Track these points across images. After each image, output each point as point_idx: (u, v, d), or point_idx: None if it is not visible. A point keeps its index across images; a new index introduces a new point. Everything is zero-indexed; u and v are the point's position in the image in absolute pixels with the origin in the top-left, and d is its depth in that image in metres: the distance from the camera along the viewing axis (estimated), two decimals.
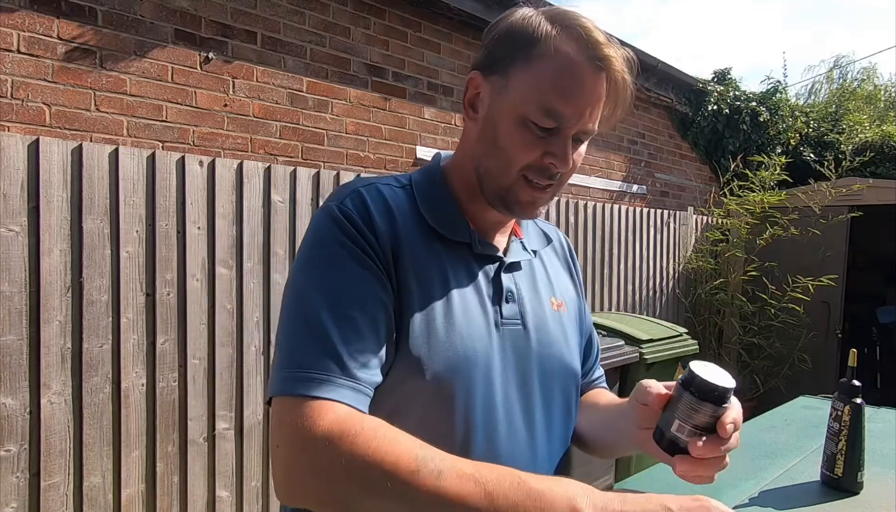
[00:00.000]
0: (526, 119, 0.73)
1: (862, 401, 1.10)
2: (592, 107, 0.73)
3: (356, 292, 0.69)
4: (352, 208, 0.73)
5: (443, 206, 0.81)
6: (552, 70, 0.71)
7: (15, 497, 1.93)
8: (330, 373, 0.64)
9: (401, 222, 0.75)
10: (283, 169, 2.66)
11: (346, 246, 0.70)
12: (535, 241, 0.91)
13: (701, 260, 5.38)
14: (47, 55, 2.26)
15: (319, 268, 0.70)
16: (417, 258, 0.74)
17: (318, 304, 0.67)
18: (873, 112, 8.92)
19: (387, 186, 0.79)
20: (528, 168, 0.75)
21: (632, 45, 4.86)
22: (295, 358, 0.65)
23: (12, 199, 1.93)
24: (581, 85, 0.72)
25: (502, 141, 0.75)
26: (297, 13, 3.02)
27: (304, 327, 0.67)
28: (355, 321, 0.67)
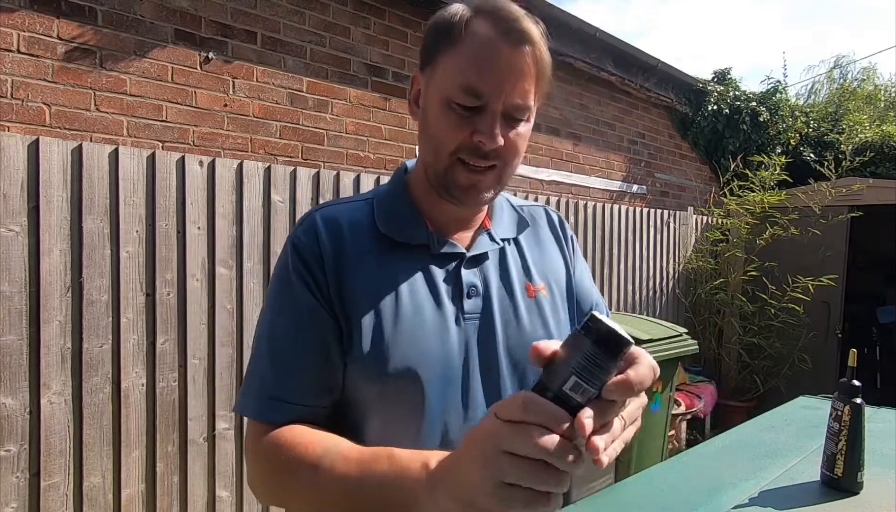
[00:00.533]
0: (450, 101, 0.75)
1: (862, 401, 1.10)
2: (514, 81, 0.74)
3: (295, 327, 0.78)
4: (303, 241, 0.80)
5: (401, 212, 0.83)
6: (469, 49, 0.74)
7: (15, 497, 1.93)
8: (270, 398, 0.77)
9: (352, 242, 0.80)
10: (283, 169, 2.66)
11: (292, 283, 0.78)
12: (508, 229, 0.90)
13: (701, 260, 5.38)
14: (47, 55, 2.26)
15: (272, 302, 0.81)
16: (366, 273, 0.79)
17: (264, 339, 0.80)
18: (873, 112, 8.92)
19: (346, 205, 0.85)
20: (460, 150, 0.76)
21: (632, 45, 4.87)
22: (248, 384, 0.80)
23: (12, 199, 1.93)
24: (497, 59, 0.73)
25: (432, 127, 0.78)
26: (297, 13, 3.02)
27: (254, 359, 0.81)
28: (292, 353, 0.78)
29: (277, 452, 0.73)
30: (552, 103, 4.53)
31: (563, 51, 4.40)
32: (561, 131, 4.63)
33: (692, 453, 1.30)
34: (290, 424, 0.76)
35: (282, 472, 0.72)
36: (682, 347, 3.57)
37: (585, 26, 4.44)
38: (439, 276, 0.81)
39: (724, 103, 5.97)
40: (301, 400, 0.77)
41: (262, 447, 0.75)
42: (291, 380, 0.77)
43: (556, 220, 0.98)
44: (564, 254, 0.95)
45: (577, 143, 4.79)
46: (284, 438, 0.74)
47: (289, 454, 0.72)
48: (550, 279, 0.90)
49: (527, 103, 0.76)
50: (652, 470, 1.19)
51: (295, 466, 0.71)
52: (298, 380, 0.77)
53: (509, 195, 0.97)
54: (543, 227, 0.96)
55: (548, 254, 0.93)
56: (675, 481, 1.10)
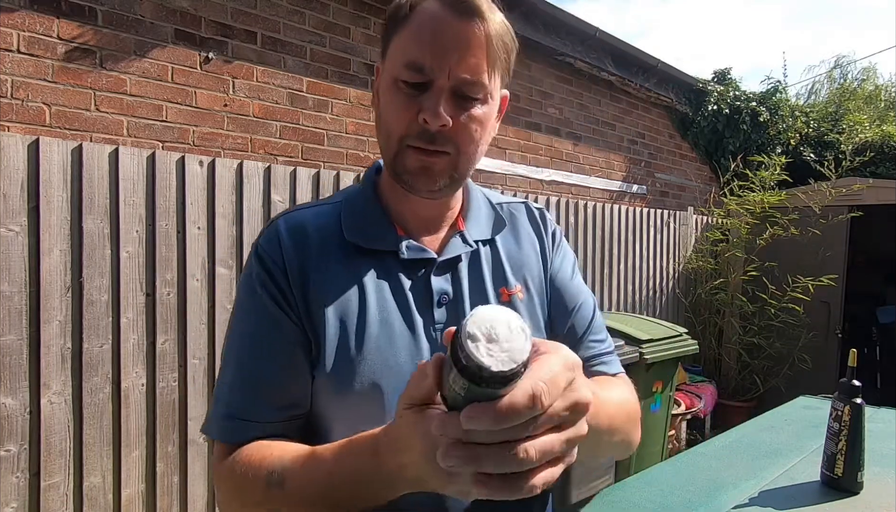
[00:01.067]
0: (396, 81, 0.71)
1: (862, 401, 1.10)
2: (461, 53, 0.68)
3: (260, 340, 0.74)
4: (266, 249, 0.76)
5: (368, 215, 0.79)
6: (414, 26, 0.70)
7: (15, 497, 1.93)
8: (233, 417, 0.73)
9: (317, 250, 0.76)
10: (283, 169, 2.66)
11: (256, 294, 0.74)
12: (484, 229, 0.83)
13: (701, 260, 5.38)
14: (47, 55, 2.26)
15: (238, 314, 0.77)
16: (332, 284, 0.75)
17: (230, 357, 0.76)
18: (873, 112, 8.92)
19: (312, 210, 0.80)
20: (408, 136, 0.71)
21: (632, 45, 4.87)
22: (214, 401, 0.76)
23: (12, 199, 1.93)
24: (440, 31, 0.68)
25: (384, 113, 0.74)
26: (297, 13, 3.02)
27: (221, 373, 0.77)
28: (256, 367, 0.74)
29: (238, 471, 0.70)
30: (552, 103, 4.54)
31: (563, 51, 4.40)
32: (561, 131, 4.63)
33: (692, 453, 1.30)
34: (257, 441, 0.72)
35: (244, 490, 0.69)
36: (682, 347, 3.57)
37: (585, 26, 4.44)
38: (407, 284, 0.76)
39: (724, 103, 5.97)
40: (266, 417, 0.73)
41: (226, 468, 0.71)
42: (256, 396, 0.73)
43: (536, 214, 0.91)
44: (542, 249, 0.88)
45: (577, 143, 4.79)
46: (245, 456, 0.70)
47: (247, 470, 0.68)
48: (528, 280, 0.84)
49: (478, 79, 0.69)
50: (652, 470, 1.19)
51: (252, 483, 0.67)
52: (264, 395, 0.73)
53: (489, 192, 0.91)
54: (523, 224, 0.89)
55: (525, 252, 0.86)
56: (675, 481, 1.10)
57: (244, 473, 0.69)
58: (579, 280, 0.91)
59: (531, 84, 4.36)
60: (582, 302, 0.88)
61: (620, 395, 0.78)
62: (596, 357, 0.86)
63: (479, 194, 0.87)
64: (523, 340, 0.39)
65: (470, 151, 0.73)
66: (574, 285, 0.89)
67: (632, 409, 0.79)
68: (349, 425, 0.71)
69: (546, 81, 4.48)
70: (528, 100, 4.34)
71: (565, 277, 0.88)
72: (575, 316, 0.86)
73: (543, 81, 4.46)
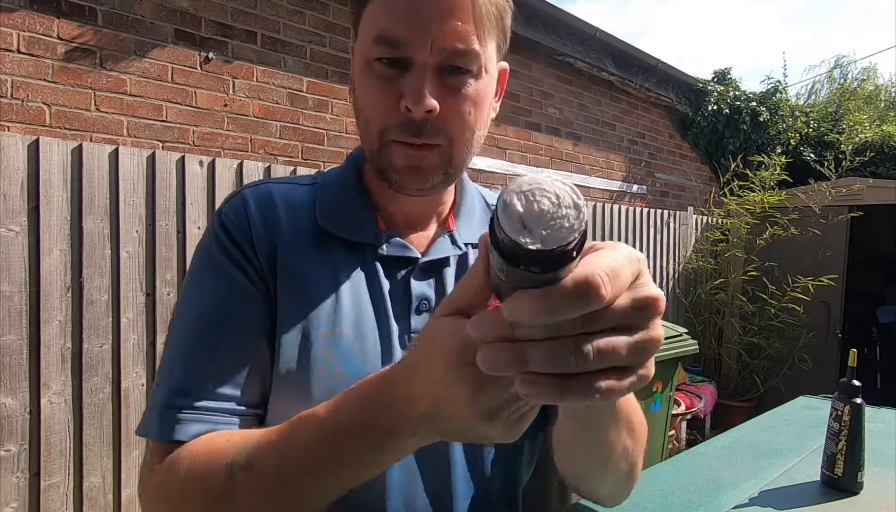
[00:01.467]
0: (369, 61, 0.60)
1: (862, 401, 1.10)
2: (443, 18, 0.56)
3: (219, 316, 0.62)
4: (231, 217, 0.65)
5: (348, 202, 0.69)
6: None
7: (15, 497, 1.93)
8: (173, 407, 0.59)
9: (288, 227, 0.65)
10: (284, 169, 2.66)
11: (219, 263, 0.63)
12: (477, 230, 0.73)
13: (701, 260, 5.38)
14: (47, 55, 2.26)
15: (191, 287, 0.65)
16: (303, 269, 0.64)
17: (182, 335, 0.63)
18: (873, 112, 8.92)
19: (284, 185, 0.70)
20: (389, 129, 0.60)
21: (632, 44, 4.87)
22: (154, 393, 0.62)
23: (12, 199, 1.93)
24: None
25: (359, 99, 0.63)
26: (297, 13, 3.02)
27: (164, 362, 0.63)
28: (215, 347, 0.61)
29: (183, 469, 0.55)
30: (552, 103, 4.54)
31: (563, 51, 4.40)
32: (561, 131, 4.63)
33: (692, 453, 1.30)
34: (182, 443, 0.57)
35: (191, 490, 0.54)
36: (682, 347, 3.57)
37: (585, 26, 4.44)
38: (385, 285, 0.66)
39: (724, 103, 5.98)
40: (225, 405, 0.59)
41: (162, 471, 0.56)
42: (214, 378, 0.59)
43: None
44: None
45: (577, 143, 4.79)
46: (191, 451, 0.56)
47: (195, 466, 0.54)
48: None
49: (468, 46, 0.58)
50: (652, 470, 1.19)
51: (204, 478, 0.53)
52: (225, 377, 0.60)
53: (485, 191, 0.81)
54: None
55: None
56: (675, 481, 1.10)
57: (191, 470, 0.54)
58: None
59: (531, 84, 4.36)
60: None
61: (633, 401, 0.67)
62: None
63: (474, 191, 0.78)
64: (574, 216, 0.30)
65: (465, 139, 0.62)
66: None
67: (644, 435, 0.67)
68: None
69: (546, 81, 4.48)
70: (528, 100, 4.34)
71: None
72: None
73: (543, 81, 4.46)
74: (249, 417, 0.61)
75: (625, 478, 0.67)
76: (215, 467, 0.53)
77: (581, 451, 0.62)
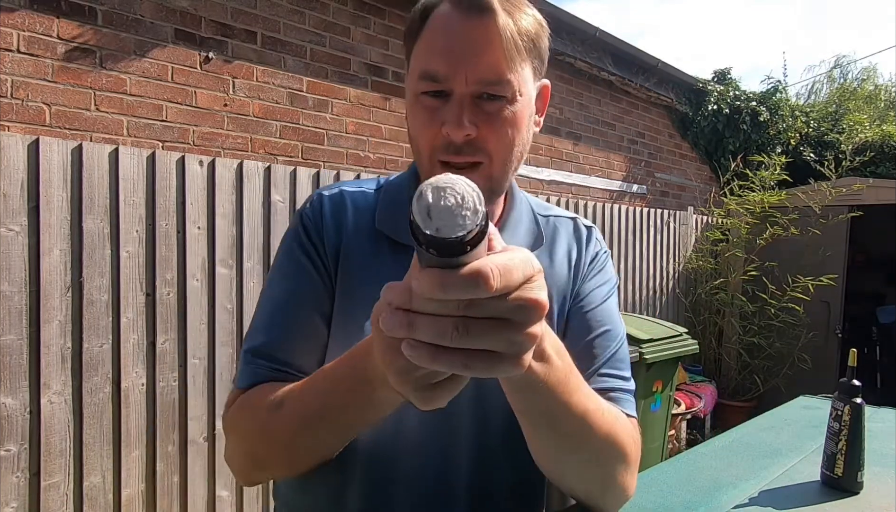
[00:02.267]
0: (417, 95, 0.68)
1: (862, 401, 1.10)
2: (476, 54, 0.64)
3: (292, 300, 0.75)
4: (309, 216, 0.77)
5: (403, 207, 0.76)
6: (427, 35, 0.67)
7: (15, 497, 1.93)
8: (257, 358, 0.73)
9: (354, 229, 0.76)
10: (283, 169, 2.66)
11: (295, 255, 0.76)
12: (520, 244, 0.74)
13: (701, 260, 5.38)
14: (47, 55, 2.26)
15: (276, 270, 0.78)
16: (357, 265, 0.74)
17: (264, 306, 0.77)
18: (873, 112, 8.92)
19: (355, 191, 0.79)
20: (435, 151, 0.68)
21: (632, 44, 4.87)
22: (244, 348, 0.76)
23: (12, 198, 1.93)
24: (450, 35, 0.65)
25: (411, 128, 0.72)
26: (297, 13, 3.02)
27: (252, 324, 0.77)
28: (287, 321, 0.74)
29: (245, 404, 0.70)
30: (552, 103, 4.53)
31: (563, 51, 4.40)
32: (561, 131, 4.63)
33: (692, 453, 1.30)
34: (256, 386, 0.71)
35: (245, 420, 0.70)
36: (682, 346, 3.57)
37: (585, 26, 4.44)
38: None
39: (724, 103, 5.98)
40: (287, 366, 0.72)
41: (235, 408, 0.72)
42: (287, 339, 0.73)
43: (583, 231, 0.85)
44: (576, 265, 0.82)
45: (577, 143, 4.79)
46: (253, 392, 0.70)
47: (252, 402, 0.69)
48: (554, 302, 0.78)
49: (501, 77, 0.65)
50: (652, 470, 1.19)
51: (254, 412, 0.68)
52: (290, 346, 0.73)
53: (538, 202, 0.86)
54: (566, 240, 0.83)
55: (557, 269, 0.80)
56: (675, 481, 1.10)
57: (249, 405, 0.69)
58: (610, 308, 0.82)
59: None
60: (606, 330, 0.79)
61: (615, 413, 0.69)
62: (608, 391, 0.76)
63: (524, 204, 0.83)
64: (471, 216, 0.35)
65: (505, 157, 0.69)
66: (601, 311, 0.80)
67: (621, 432, 0.69)
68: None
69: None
70: None
71: (593, 300, 0.81)
72: (594, 341, 0.78)
73: None
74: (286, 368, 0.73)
75: (600, 482, 0.71)
76: (260, 406, 0.67)
77: (540, 447, 0.67)
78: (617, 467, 0.69)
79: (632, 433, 0.72)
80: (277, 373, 0.71)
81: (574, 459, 0.67)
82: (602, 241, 0.87)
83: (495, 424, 0.75)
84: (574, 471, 0.70)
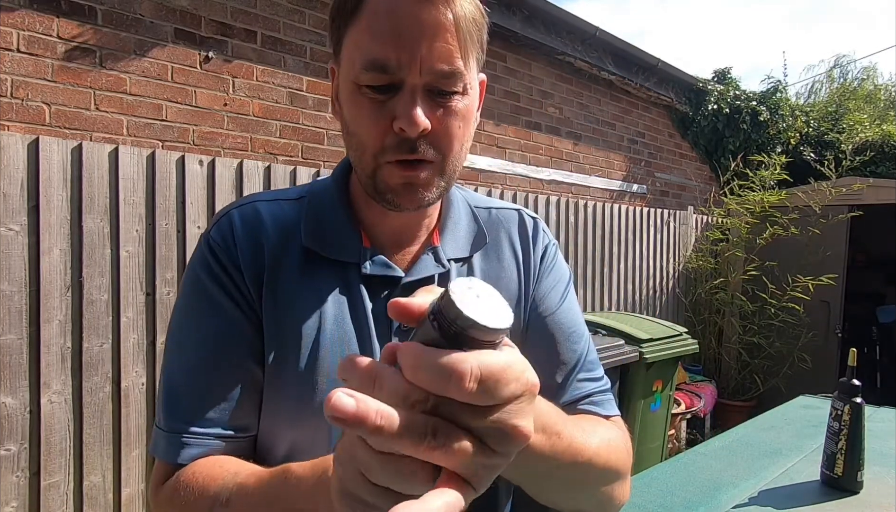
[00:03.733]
0: (357, 85, 0.60)
1: (862, 400, 1.10)
2: (429, 40, 0.57)
3: (213, 348, 0.65)
4: (218, 241, 0.67)
5: (332, 219, 0.70)
6: (367, 19, 0.59)
7: (15, 496, 1.93)
8: (181, 433, 0.63)
9: (274, 247, 0.67)
10: (284, 168, 2.66)
11: (205, 290, 0.66)
12: (462, 246, 0.73)
13: (701, 259, 5.38)
14: (47, 54, 2.26)
15: (185, 315, 0.68)
16: (286, 289, 0.66)
17: (174, 360, 0.67)
18: (873, 111, 8.91)
19: (271, 203, 0.71)
20: (385, 151, 0.61)
21: (632, 44, 4.87)
22: (158, 414, 0.67)
23: (12, 198, 1.93)
24: (400, 19, 0.57)
25: (350, 123, 0.63)
26: (296, 12, 3.01)
27: (164, 383, 0.67)
28: (208, 373, 0.65)
29: (183, 492, 0.60)
30: (552, 103, 4.54)
31: (563, 50, 4.40)
32: (561, 131, 4.63)
33: (692, 453, 1.30)
34: (205, 458, 0.63)
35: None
36: (682, 346, 3.57)
37: (585, 26, 4.44)
38: (368, 305, 0.67)
39: (725, 103, 5.97)
40: (221, 430, 0.64)
41: (169, 490, 0.62)
42: (208, 407, 0.64)
43: (528, 225, 0.79)
44: (525, 265, 0.76)
45: (577, 143, 4.79)
46: (192, 474, 0.61)
47: (194, 490, 0.59)
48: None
49: (454, 67, 0.59)
50: (652, 470, 1.19)
51: (196, 504, 0.59)
52: (217, 407, 0.64)
53: (476, 197, 0.80)
54: (510, 235, 0.77)
55: (506, 272, 0.74)
56: (675, 481, 1.10)
57: (190, 493, 0.59)
58: (570, 308, 0.77)
59: (531, 84, 4.36)
60: (572, 333, 0.75)
61: (608, 440, 0.64)
62: (587, 397, 0.72)
63: (461, 203, 0.77)
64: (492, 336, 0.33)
65: (455, 153, 0.64)
66: (562, 313, 0.75)
67: (615, 457, 0.64)
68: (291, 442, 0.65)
69: (546, 81, 4.48)
70: (528, 99, 4.34)
71: (552, 303, 0.75)
72: (562, 348, 0.73)
73: (543, 81, 4.45)
74: (243, 440, 0.66)
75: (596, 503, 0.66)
76: (203, 499, 0.58)
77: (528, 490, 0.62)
78: (614, 488, 0.66)
79: (622, 446, 0.68)
80: (213, 441, 0.63)
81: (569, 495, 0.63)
82: (549, 234, 0.81)
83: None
84: (569, 501, 0.66)
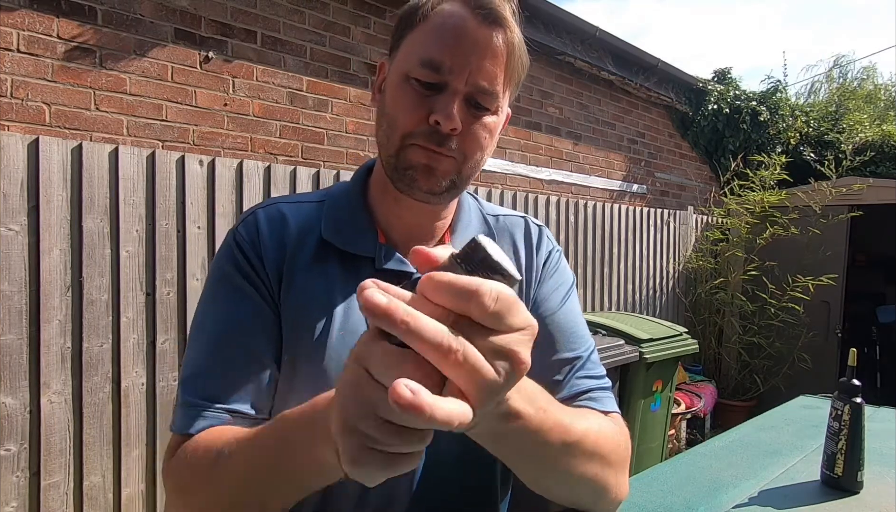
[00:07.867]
0: (408, 76, 0.68)
1: (862, 400, 1.10)
2: (480, 59, 0.66)
3: (232, 329, 0.69)
4: (244, 236, 0.72)
5: (350, 216, 0.75)
6: (434, 24, 0.67)
7: (15, 496, 1.93)
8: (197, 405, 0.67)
9: (295, 245, 0.72)
10: (283, 168, 2.66)
11: (232, 279, 0.71)
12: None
13: (701, 259, 5.38)
14: (47, 54, 2.26)
15: (209, 299, 0.73)
16: (302, 282, 0.71)
17: (195, 344, 0.71)
18: (873, 111, 8.91)
19: (293, 205, 0.76)
20: (414, 134, 0.67)
21: (632, 44, 4.87)
22: (178, 394, 0.70)
23: (12, 198, 1.93)
24: (462, 33, 0.66)
25: (388, 106, 0.70)
26: (297, 12, 3.01)
27: (184, 365, 0.71)
28: (227, 355, 0.69)
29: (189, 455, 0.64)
30: (552, 103, 4.54)
31: (563, 50, 4.40)
32: (561, 131, 4.63)
33: (692, 453, 1.30)
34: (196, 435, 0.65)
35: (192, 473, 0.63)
36: (682, 346, 3.57)
37: (585, 26, 4.44)
38: None
39: (724, 103, 5.97)
40: (236, 405, 0.67)
41: (177, 459, 0.65)
42: (227, 383, 0.67)
43: (533, 232, 0.84)
44: (528, 268, 0.81)
45: (577, 143, 4.79)
46: (197, 440, 0.64)
47: (198, 452, 0.63)
48: None
49: (493, 88, 0.67)
50: (652, 470, 1.19)
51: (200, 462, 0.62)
52: (236, 383, 0.68)
53: (486, 204, 0.86)
54: (516, 242, 0.83)
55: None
56: (675, 481, 1.10)
57: (196, 452, 0.63)
58: (571, 311, 0.81)
59: (531, 83, 4.36)
60: (572, 333, 0.79)
61: (598, 426, 0.67)
62: (585, 393, 0.75)
63: (473, 207, 0.83)
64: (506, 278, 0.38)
65: (476, 158, 0.71)
66: (563, 314, 0.79)
67: (604, 442, 0.67)
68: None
69: (546, 81, 4.48)
70: (528, 99, 4.34)
71: (553, 305, 0.80)
72: (562, 348, 0.77)
73: (543, 81, 4.45)
74: (256, 420, 0.67)
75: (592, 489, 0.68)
76: (207, 455, 0.62)
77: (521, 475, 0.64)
78: (607, 477, 0.68)
79: (616, 436, 0.70)
80: (223, 415, 0.67)
81: (560, 480, 0.65)
82: (553, 240, 0.86)
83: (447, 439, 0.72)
84: (562, 489, 0.68)
